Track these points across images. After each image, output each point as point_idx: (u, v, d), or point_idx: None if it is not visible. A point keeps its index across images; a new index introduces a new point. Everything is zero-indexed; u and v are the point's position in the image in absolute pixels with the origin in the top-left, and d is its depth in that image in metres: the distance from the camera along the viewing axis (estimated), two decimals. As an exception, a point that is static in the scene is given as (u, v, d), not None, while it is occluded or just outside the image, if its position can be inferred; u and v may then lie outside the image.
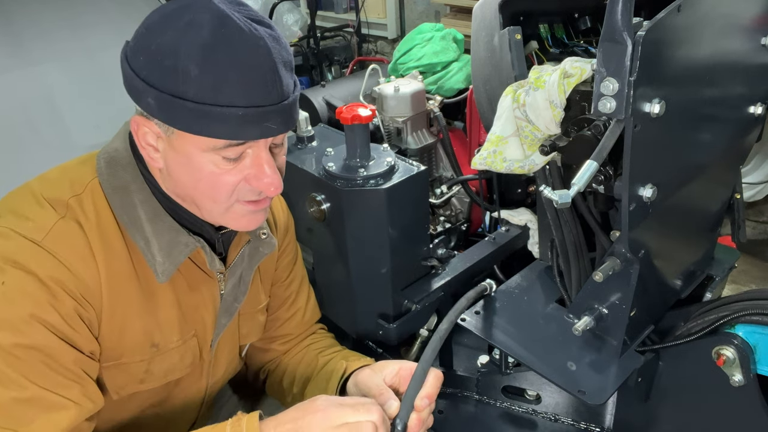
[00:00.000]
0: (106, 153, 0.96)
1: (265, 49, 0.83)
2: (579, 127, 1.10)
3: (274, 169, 0.91)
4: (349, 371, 1.10)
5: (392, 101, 1.76)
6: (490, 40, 1.35)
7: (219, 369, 1.13)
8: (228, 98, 0.81)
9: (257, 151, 0.89)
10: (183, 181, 0.90)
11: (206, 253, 0.99)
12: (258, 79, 0.83)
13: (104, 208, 0.92)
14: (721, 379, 1.11)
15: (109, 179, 0.93)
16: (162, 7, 0.86)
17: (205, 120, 0.82)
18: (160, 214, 0.95)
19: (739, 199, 1.47)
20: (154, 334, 0.98)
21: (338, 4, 4.79)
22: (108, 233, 0.91)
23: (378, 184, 1.35)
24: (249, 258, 1.08)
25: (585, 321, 1.19)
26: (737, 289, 2.35)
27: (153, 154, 0.90)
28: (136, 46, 0.84)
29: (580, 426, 1.35)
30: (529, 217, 1.65)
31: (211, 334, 1.07)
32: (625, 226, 1.04)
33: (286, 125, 0.89)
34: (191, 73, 0.80)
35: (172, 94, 0.81)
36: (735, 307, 1.13)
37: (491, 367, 1.43)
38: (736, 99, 1.21)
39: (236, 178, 0.89)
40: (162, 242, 0.94)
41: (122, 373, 0.97)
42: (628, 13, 0.88)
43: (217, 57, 0.80)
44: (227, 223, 0.96)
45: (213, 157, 0.87)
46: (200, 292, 1.03)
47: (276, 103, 0.85)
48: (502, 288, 1.44)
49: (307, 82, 4.30)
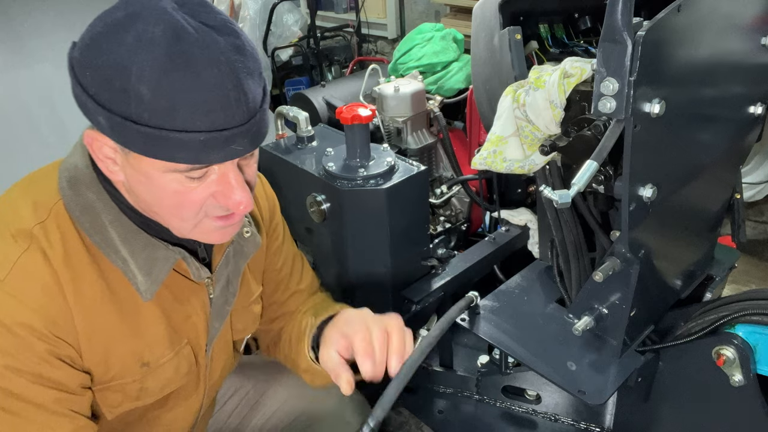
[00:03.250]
0: (67, 171, 0.88)
1: (226, 65, 0.74)
2: (579, 127, 1.10)
3: (243, 186, 0.84)
4: (314, 328, 1.09)
5: (392, 101, 1.76)
6: (490, 40, 1.35)
7: (216, 371, 1.12)
8: (187, 123, 0.73)
9: (223, 168, 0.82)
10: (145, 198, 0.84)
11: (189, 264, 0.94)
12: (220, 101, 0.74)
13: (71, 233, 0.85)
14: (721, 379, 1.11)
15: (73, 199, 0.86)
16: (106, 13, 0.76)
17: (161, 145, 0.74)
18: (133, 231, 0.88)
19: (739, 199, 1.47)
20: (143, 353, 0.93)
21: (338, 4, 4.78)
22: (76, 260, 0.85)
23: (378, 184, 1.35)
24: (234, 259, 1.04)
25: (585, 321, 1.19)
26: (737, 289, 2.35)
27: (112, 167, 0.83)
28: (82, 59, 0.76)
29: (580, 426, 1.35)
30: (529, 217, 1.65)
31: (204, 340, 1.04)
32: (625, 226, 1.04)
33: (254, 144, 0.81)
34: (143, 97, 0.72)
35: (124, 117, 0.73)
36: (735, 307, 1.13)
37: (491, 367, 1.43)
38: (736, 99, 1.21)
39: (202, 195, 0.83)
40: (139, 261, 0.88)
41: (115, 393, 0.93)
42: (628, 13, 0.88)
43: (172, 79, 0.71)
44: (198, 237, 0.90)
45: (176, 176, 0.80)
46: (188, 301, 0.99)
47: (242, 124, 0.77)
48: (502, 288, 1.44)
49: (307, 82, 4.30)
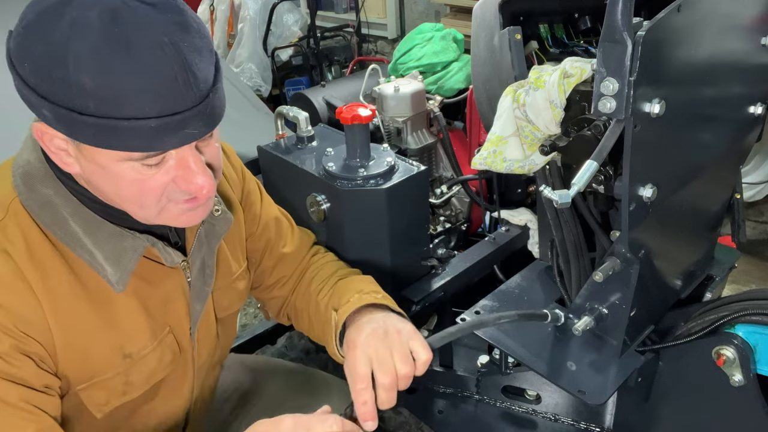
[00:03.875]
0: (20, 167, 0.85)
1: (171, 46, 0.70)
2: (579, 127, 1.10)
3: (203, 169, 0.81)
4: (339, 327, 1.06)
5: (392, 101, 1.76)
6: (490, 40, 1.35)
7: (203, 353, 1.08)
8: (135, 110, 0.70)
9: (180, 152, 0.78)
10: (104, 189, 0.81)
11: (159, 249, 0.91)
12: (168, 84, 0.71)
13: (32, 229, 0.82)
14: (721, 379, 1.11)
15: (30, 196, 0.83)
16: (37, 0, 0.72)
17: (111, 135, 0.71)
18: (96, 222, 0.85)
19: (739, 199, 1.47)
20: (124, 345, 0.91)
21: (338, 4, 4.79)
22: (41, 256, 0.82)
23: (378, 184, 1.35)
24: (207, 240, 1.00)
25: (585, 321, 1.19)
26: (737, 289, 2.35)
27: (66, 159, 0.80)
28: (18, 50, 0.72)
29: (580, 426, 1.35)
30: (529, 217, 1.65)
31: (188, 324, 1.01)
32: (625, 226, 1.04)
33: (210, 126, 0.78)
34: (86, 87, 0.68)
35: (69, 108, 0.70)
36: (735, 307, 1.12)
37: (491, 367, 1.43)
38: (736, 99, 1.21)
39: (162, 181, 0.79)
40: (106, 252, 0.85)
41: (100, 391, 0.91)
42: (628, 13, 0.88)
43: (112, 65, 0.68)
44: (165, 222, 0.86)
45: (131, 164, 0.76)
46: (165, 286, 0.95)
47: (194, 105, 0.74)
48: (502, 288, 1.44)
49: (307, 82, 4.30)
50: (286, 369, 1.46)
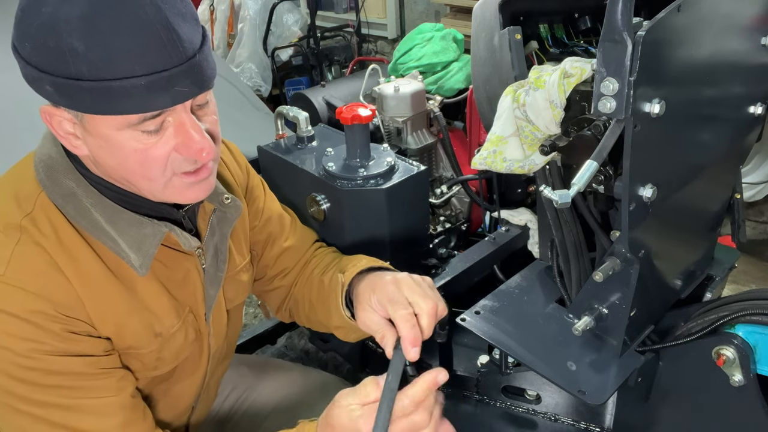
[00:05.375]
0: (42, 161, 0.90)
1: (151, 6, 0.75)
2: (579, 127, 1.10)
3: (201, 133, 0.84)
4: (345, 285, 1.10)
5: (392, 101, 1.76)
6: (490, 40, 1.35)
7: (218, 337, 1.13)
8: (125, 69, 0.74)
9: (177, 117, 0.82)
10: (110, 164, 0.85)
11: (177, 235, 0.95)
12: (152, 42, 0.75)
13: (60, 220, 0.88)
14: (721, 379, 1.11)
15: (54, 189, 0.88)
16: None
17: (107, 98, 0.76)
18: (117, 211, 0.90)
19: (739, 199, 1.47)
20: (154, 325, 0.97)
21: (338, 4, 4.79)
22: (71, 245, 0.87)
23: (378, 184, 1.35)
24: (219, 227, 1.05)
25: (585, 321, 1.19)
26: (737, 289, 2.35)
27: (74, 142, 0.85)
28: (19, 33, 0.78)
29: (580, 426, 1.35)
30: (529, 217, 1.65)
31: (203, 308, 1.06)
32: (625, 226, 1.04)
33: (200, 86, 0.82)
34: (78, 51, 0.73)
35: (66, 76, 0.75)
36: (735, 307, 1.12)
37: (491, 367, 1.43)
38: (736, 99, 1.21)
39: (164, 149, 0.83)
40: (128, 239, 0.90)
41: (135, 360, 0.97)
42: (628, 13, 0.88)
43: (99, 27, 0.73)
44: (172, 198, 0.91)
45: (132, 133, 0.81)
46: (183, 271, 1.01)
47: (181, 63, 0.78)
48: (502, 288, 1.44)
49: (307, 82, 4.30)
50: (285, 368, 1.46)
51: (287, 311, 1.31)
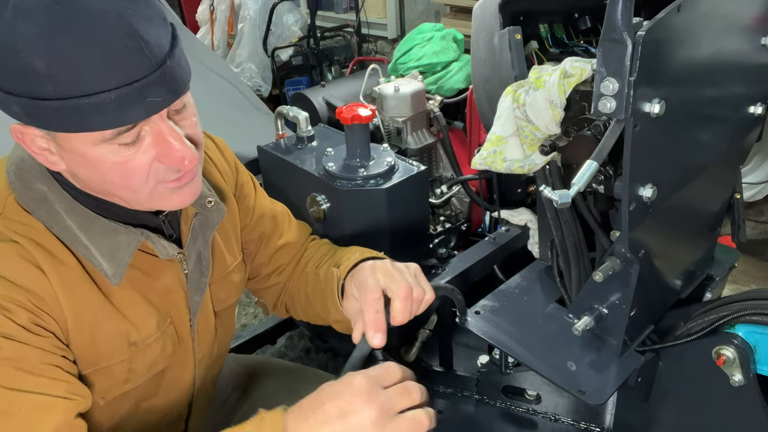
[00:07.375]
0: (14, 164, 0.86)
1: (114, 15, 0.70)
2: (579, 127, 1.10)
3: (180, 140, 0.80)
4: (341, 280, 1.07)
5: (392, 101, 1.76)
6: (490, 40, 1.35)
7: (204, 344, 1.10)
8: (93, 85, 0.70)
9: (154, 126, 0.78)
10: (90, 178, 0.81)
11: (153, 243, 0.91)
12: (118, 53, 0.70)
13: (33, 221, 0.84)
14: (721, 379, 1.11)
15: (25, 193, 0.84)
16: None
17: (77, 115, 0.71)
18: (90, 218, 0.86)
19: (739, 199, 1.47)
20: (130, 333, 0.93)
21: (338, 4, 4.79)
22: (48, 244, 0.84)
23: (378, 184, 1.35)
24: (202, 231, 1.01)
25: (585, 321, 1.19)
26: (737, 289, 2.35)
27: (51, 158, 0.80)
28: None
29: (580, 426, 1.35)
30: (529, 217, 1.65)
31: (187, 315, 1.03)
32: (625, 226, 1.04)
33: (174, 92, 0.77)
34: (39, 70, 0.69)
35: (32, 96, 0.70)
36: (735, 307, 1.12)
37: (491, 367, 1.43)
38: (736, 99, 1.21)
39: (145, 159, 0.79)
40: (101, 247, 0.86)
41: (104, 377, 0.92)
42: (628, 12, 0.88)
43: (59, 43, 0.68)
44: (158, 206, 0.87)
45: (108, 147, 0.76)
46: (163, 278, 0.97)
47: (152, 72, 0.73)
48: (502, 288, 1.44)
49: (307, 82, 4.30)
50: (285, 368, 1.46)
51: (283, 306, 1.29)
